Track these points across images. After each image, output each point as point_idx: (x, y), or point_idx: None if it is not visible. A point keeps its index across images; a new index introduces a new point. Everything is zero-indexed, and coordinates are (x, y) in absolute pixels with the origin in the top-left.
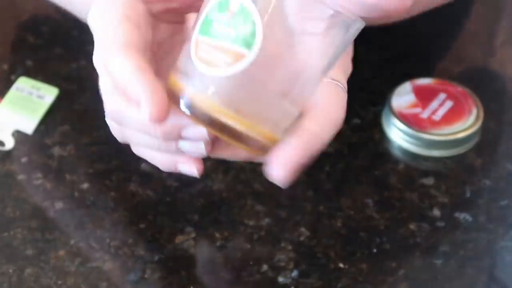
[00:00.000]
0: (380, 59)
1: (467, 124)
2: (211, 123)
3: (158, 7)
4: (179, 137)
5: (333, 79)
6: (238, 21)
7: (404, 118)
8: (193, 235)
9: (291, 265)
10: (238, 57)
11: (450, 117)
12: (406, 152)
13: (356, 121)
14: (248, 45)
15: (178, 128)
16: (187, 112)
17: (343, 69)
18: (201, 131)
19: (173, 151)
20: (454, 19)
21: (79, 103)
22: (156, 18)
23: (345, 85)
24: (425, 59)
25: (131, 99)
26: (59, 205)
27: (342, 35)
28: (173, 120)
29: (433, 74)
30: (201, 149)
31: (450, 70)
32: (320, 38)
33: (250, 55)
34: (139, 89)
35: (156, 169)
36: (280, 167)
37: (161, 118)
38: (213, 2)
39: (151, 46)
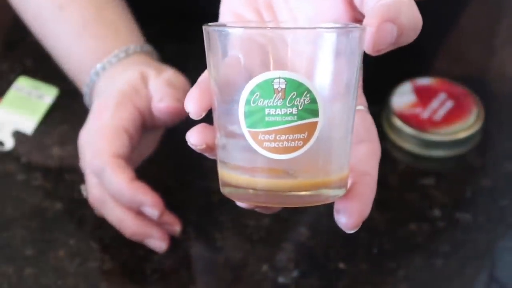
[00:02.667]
0: (380, 59)
1: (467, 124)
2: (294, 201)
3: (149, 116)
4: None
5: (358, 105)
6: (293, 96)
7: (404, 118)
8: (193, 235)
9: (291, 265)
10: (312, 127)
11: (451, 117)
12: (406, 152)
13: None
14: (315, 112)
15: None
16: (271, 203)
17: (360, 87)
18: (154, 212)
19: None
20: (454, 19)
21: (78, 103)
22: (143, 124)
23: (366, 103)
24: (425, 59)
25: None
26: (59, 205)
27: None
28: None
29: (433, 74)
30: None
31: (450, 70)
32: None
33: (321, 118)
34: (139, 198)
35: (157, 169)
36: (355, 218)
37: (163, 211)
38: (246, 94)
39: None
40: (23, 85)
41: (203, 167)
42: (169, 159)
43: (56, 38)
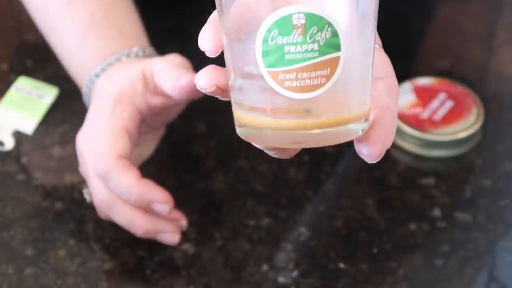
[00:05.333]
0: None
1: (467, 124)
2: (317, 139)
3: (149, 114)
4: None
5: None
6: (314, 31)
7: (404, 118)
8: (193, 235)
9: (291, 265)
10: (334, 63)
11: (450, 117)
12: (406, 152)
13: None
14: (337, 46)
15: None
16: (291, 143)
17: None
18: (166, 208)
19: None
20: (454, 19)
21: (79, 103)
22: (142, 122)
23: (380, 42)
24: (425, 59)
25: (135, 201)
26: (59, 205)
27: None
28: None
29: (433, 74)
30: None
31: (450, 70)
32: None
33: (343, 53)
34: (150, 195)
35: (157, 169)
36: (377, 147)
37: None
38: (263, 32)
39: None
40: (23, 85)
41: (203, 167)
42: (169, 159)
43: (61, 34)
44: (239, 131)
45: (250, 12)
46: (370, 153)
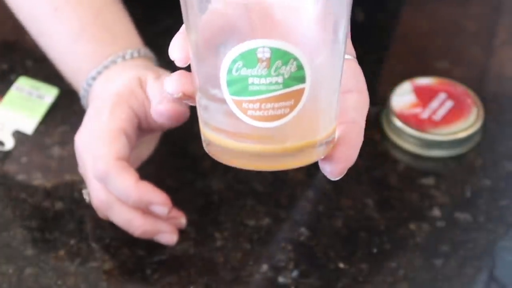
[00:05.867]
0: (380, 59)
1: (467, 124)
2: (281, 164)
3: (145, 117)
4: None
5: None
6: (279, 65)
7: (404, 118)
8: (193, 235)
9: (291, 265)
10: (298, 94)
11: (450, 117)
12: (406, 152)
13: None
14: (302, 79)
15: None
16: (255, 166)
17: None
18: (164, 210)
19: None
20: (454, 19)
21: (79, 103)
22: (139, 125)
23: (353, 51)
24: (425, 59)
25: (134, 202)
26: (59, 205)
27: None
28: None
29: (433, 74)
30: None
31: (450, 70)
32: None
33: (308, 84)
34: (148, 197)
35: (156, 169)
36: (340, 165)
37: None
38: (228, 63)
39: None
40: (23, 85)
41: (203, 167)
42: (168, 159)
43: (52, 40)
44: (205, 147)
45: (215, 40)
46: (332, 171)
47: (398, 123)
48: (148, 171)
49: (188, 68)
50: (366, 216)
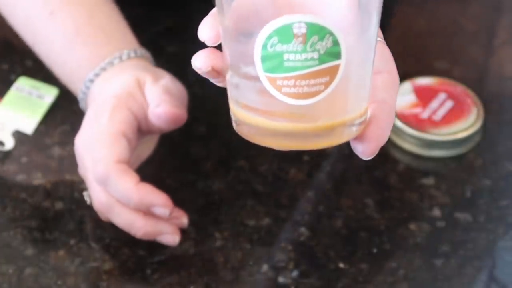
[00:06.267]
0: None
1: (467, 124)
2: (313, 142)
3: (144, 121)
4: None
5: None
6: (315, 41)
7: (404, 118)
8: (193, 235)
9: (291, 265)
10: (334, 71)
11: (450, 117)
12: (406, 152)
13: None
14: (337, 55)
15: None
16: (287, 145)
17: None
18: (165, 211)
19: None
20: (454, 19)
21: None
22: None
23: (381, 34)
24: (425, 59)
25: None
26: (59, 205)
27: None
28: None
29: (433, 74)
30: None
31: (450, 70)
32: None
33: (343, 61)
34: (149, 199)
35: (157, 169)
36: (372, 144)
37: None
38: (263, 38)
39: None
40: (23, 85)
41: (203, 167)
42: (169, 159)
43: (47, 46)
44: (235, 126)
45: (251, 15)
46: (364, 150)
47: (398, 123)
48: (149, 171)
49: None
50: (366, 216)
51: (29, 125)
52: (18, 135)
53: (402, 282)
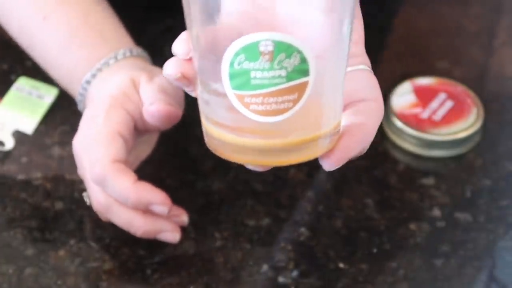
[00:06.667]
0: (380, 59)
1: (467, 124)
2: (283, 158)
3: (141, 121)
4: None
5: (360, 63)
6: (282, 58)
7: (404, 118)
8: (193, 235)
9: (291, 265)
10: (302, 88)
11: (450, 117)
12: (406, 152)
13: None
14: (305, 72)
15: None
16: (257, 161)
17: (363, 45)
18: (164, 209)
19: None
20: (454, 19)
21: None
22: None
23: (369, 62)
24: (425, 59)
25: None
26: (59, 205)
27: None
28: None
29: (433, 74)
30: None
31: (450, 70)
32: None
33: (311, 77)
34: (148, 197)
35: (156, 169)
36: (334, 160)
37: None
38: (230, 56)
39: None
40: (23, 85)
41: (203, 167)
42: (168, 159)
43: (43, 50)
44: (206, 142)
45: (218, 33)
46: (328, 161)
47: (398, 123)
48: (148, 171)
49: None
50: (366, 216)
51: (29, 125)
52: (18, 135)
53: (402, 282)
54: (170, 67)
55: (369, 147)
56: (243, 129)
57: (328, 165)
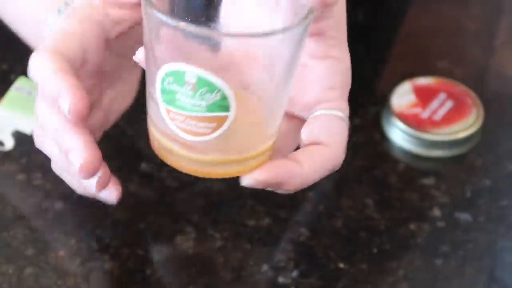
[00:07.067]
0: (380, 59)
1: (467, 124)
2: (206, 172)
3: (114, 31)
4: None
5: (333, 108)
6: (204, 91)
7: (404, 118)
8: (193, 235)
9: (291, 265)
10: (221, 120)
11: (450, 117)
12: (406, 152)
13: (356, 121)
14: (226, 108)
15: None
16: (180, 167)
17: (343, 90)
18: (65, 105)
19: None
20: (454, 19)
21: None
22: (109, 46)
23: (346, 110)
24: (425, 59)
25: (49, 98)
26: (59, 205)
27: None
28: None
29: (433, 74)
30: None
31: (450, 70)
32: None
33: (231, 113)
34: (58, 87)
35: (156, 169)
36: (253, 176)
37: (82, 114)
38: (162, 74)
39: (97, 69)
40: (23, 85)
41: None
42: None
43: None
44: (151, 143)
45: (160, 49)
46: (245, 179)
47: (398, 123)
48: (148, 170)
49: None
50: (366, 216)
51: (29, 125)
52: (18, 135)
53: (402, 282)
54: (139, 54)
55: (369, 147)
56: (170, 137)
57: (242, 179)
